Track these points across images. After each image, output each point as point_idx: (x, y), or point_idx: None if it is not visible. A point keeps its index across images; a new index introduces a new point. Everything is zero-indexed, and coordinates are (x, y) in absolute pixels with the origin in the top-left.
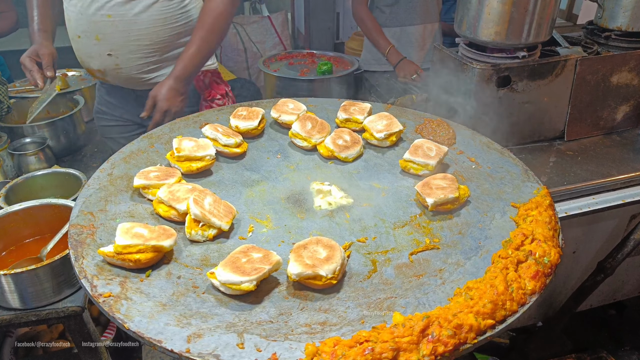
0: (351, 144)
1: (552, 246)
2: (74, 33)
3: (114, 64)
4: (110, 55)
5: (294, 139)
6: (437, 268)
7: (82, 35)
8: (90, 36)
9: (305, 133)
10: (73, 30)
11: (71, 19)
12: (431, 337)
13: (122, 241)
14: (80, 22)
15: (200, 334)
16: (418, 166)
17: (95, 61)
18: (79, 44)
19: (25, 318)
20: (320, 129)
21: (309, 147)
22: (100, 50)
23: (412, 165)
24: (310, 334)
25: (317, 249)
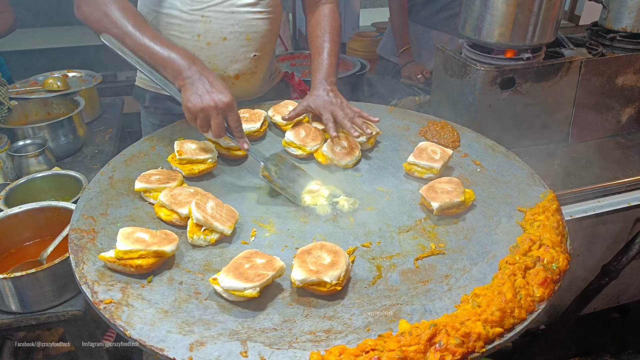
0: (349, 150)
1: (561, 252)
2: (217, 36)
3: (255, 66)
4: (255, 56)
5: (287, 148)
6: (443, 274)
7: (230, 36)
8: (240, 37)
9: (300, 141)
10: (216, 33)
11: (213, 21)
12: (439, 345)
13: (124, 246)
14: (229, 22)
15: (203, 341)
16: (422, 169)
17: (237, 65)
18: (223, 46)
19: (25, 322)
20: (314, 136)
21: (304, 156)
22: (247, 51)
23: (416, 169)
24: (314, 342)
25: (322, 255)
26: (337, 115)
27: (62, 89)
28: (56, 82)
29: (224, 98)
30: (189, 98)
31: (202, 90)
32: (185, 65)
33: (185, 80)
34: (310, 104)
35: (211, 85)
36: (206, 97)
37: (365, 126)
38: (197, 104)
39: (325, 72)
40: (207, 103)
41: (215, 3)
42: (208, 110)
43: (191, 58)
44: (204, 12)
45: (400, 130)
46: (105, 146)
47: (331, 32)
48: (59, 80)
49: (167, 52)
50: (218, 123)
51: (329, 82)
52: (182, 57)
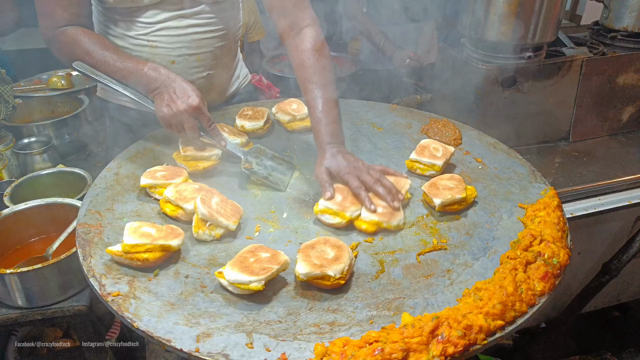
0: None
1: (561, 247)
2: (165, 60)
3: (210, 83)
4: (209, 75)
5: (321, 216)
6: (445, 269)
7: (179, 59)
8: (189, 59)
9: (337, 206)
10: (163, 57)
11: (159, 45)
12: (441, 337)
13: (131, 240)
14: (176, 46)
15: (209, 333)
16: (424, 166)
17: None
18: (172, 69)
19: (31, 317)
20: (354, 200)
21: (342, 224)
22: (199, 71)
23: (418, 166)
24: (319, 334)
25: (325, 249)
26: (366, 182)
27: (66, 87)
28: (60, 81)
29: (192, 102)
30: (160, 108)
31: (169, 98)
32: (152, 77)
33: (154, 92)
34: (331, 170)
35: (178, 91)
36: (174, 104)
37: (396, 190)
38: (167, 113)
39: (330, 133)
40: (176, 109)
41: (159, 27)
42: (178, 116)
43: (156, 69)
44: (149, 37)
45: (402, 128)
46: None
47: (322, 74)
48: (63, 79)
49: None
50: (190, 126)
51: (337, 142)
52: (147, 69)
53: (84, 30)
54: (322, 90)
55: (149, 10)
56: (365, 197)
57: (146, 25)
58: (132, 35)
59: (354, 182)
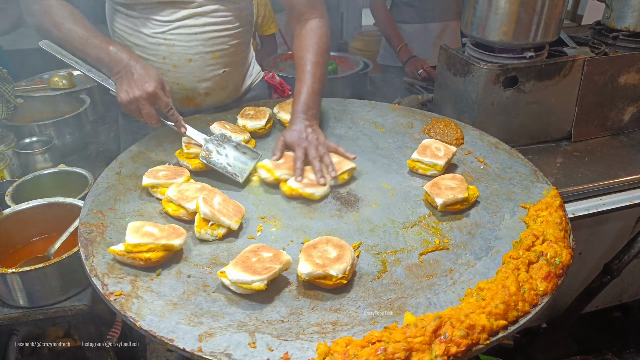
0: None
1: (564, 247)
2: (182, 58)
3: (225, 81)
4: (225, 72)
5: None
6: (447, 268)
7: (195, 57)
8: (205, 57)
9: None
10: (181, 56)
11: (176, 44)
12: (444, 337)
13: (133, 240)
14: (192, 44)
15: (212, 333)
16: (426, 166)
17: (207, 83)
18: (189, 68)
19: (33, 316)
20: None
21: (271, 180)
22: (215, 69)
23: (420, 166)
24: (321, 333)
25: (327, 249)
26: (309, 153)
27: (68, 87)
28: (61, 80)
29: (147, 87)
30: (119, 93)
31: (128, 83)
32: (115, 60)
33: (116, 76)
34: (286, 138)
35: (137, 77)
36: (131, 89)
37: (332, 168)
38: (125, 97)
39: (305, 104)
40: (132, 95)
41: (176, 26)
42: (136, 102)
43: (119, 50)
44: (166, 36)
45: (404, 127)
46: (110, 144)
47: (316, 53)
48: (64, 79)
49: (99, 49)
50: (146, 112)
51: (308, 115)
52: (112, 52)
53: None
54: (313, 67)
55: (166, 9)
56: (298, 167)
57: (163, 23)
58: (148, 34)
59: (297, 152)
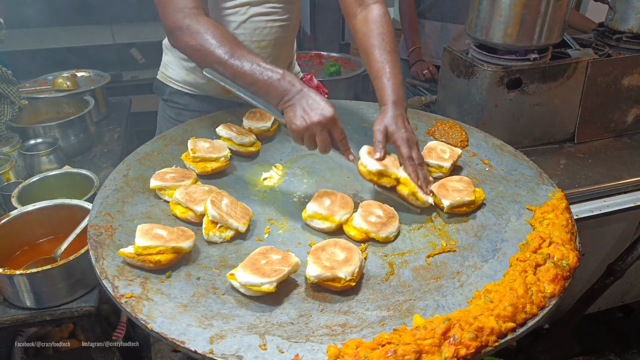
0: (387, 219)
1: (570, 249)
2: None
3: None
4: None
5: (310, 221)
6: (454, 271)
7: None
8: (251, 45)
9: (326, 210)
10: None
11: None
12: (453, 339)
13: (142, 242)
14: (240, 32)
15: (223, 335)
16: (432, 168)
17: None
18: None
19: (40, 317)
20: (343, 204)
21: (332, 229)
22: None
23: None
24: (331, 335)
25: (335, 251)
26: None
27: (72, 88)
28: (66, 82)
29: (327, 113)
30: (293, 120)
31: (303, 110)
32: (286, 88)
33: (287, 103)
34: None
35: (313, 102)
36: (308, 116)
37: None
38: (301, 125)
39: (397, 92)
40: (309, 121)
41: (227, 13)
42: (312, 129)
43: (289, 79)
44: (217, 21)
45: None
46: (114, 145)
47: (389, 42)
48: (69, 80)
49: (267, 77)
50: (323, 139)
51: (403, 106)
52: (281, 80)
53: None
54: (390, 56)
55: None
56: (413, 171)
57: (216, 9)
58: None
59: (406, 151)
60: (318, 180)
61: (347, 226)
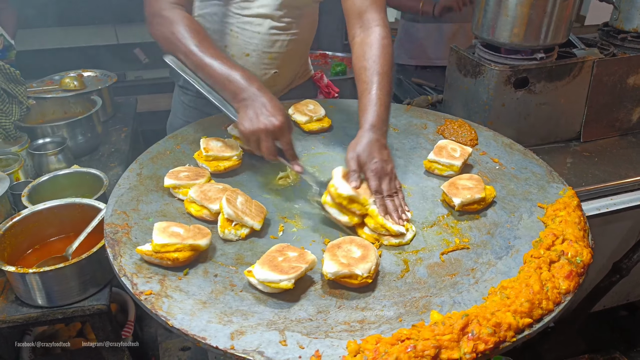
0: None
1: (584, 246)
2: (240, 50)
3: (274, 81)
4: (276, 73)
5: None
6: (469, 267)
7: (253, 53)
8: (262, 55)
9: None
10: (241, 48)
11: (240, 37)
12: (471, 335)
13: (160, 240)
14: (254, 41)
15: (243, 331)
16: (443, 167)
17: None
18: (245, 61)
19: (52, 316)
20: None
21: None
22: (268, 68)
23: (436, 166)
24: (350, 331)
25: (351, 248)
26: (383, 190)
27: (79, 88)
28: (73, 82)
29: (275, 121)
30: (242, 121)
31: (254, 113)
32: (243, 86)
33: (241, 103)
34: (360, 159)
35: (264, 108)
36: (257, 120)
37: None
38: (248, 127)
39: (378, 115)
40: (256, 126)
41: (245, 21)
42: (258, 134)
43: (249, 78)
44: (233, 27)
45: (418, 128)
46: (121, 145)
47: (382, 64)
48: (75, 80)
49: (227, 72)
50: (267, 146)
51: (381, 131)
52: (240, 77)
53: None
54: (379, 77)
55: (243, 3)
56: (380, 205)
57: (235, 15)
58: (219, 20)
59: (374, 184)
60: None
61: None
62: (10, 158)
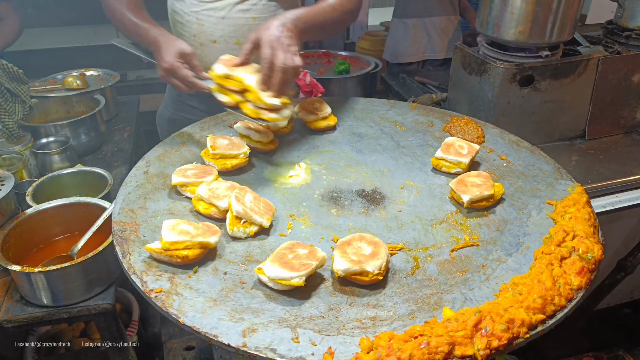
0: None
1: (594, 242)
2: (208, 38)
3: None
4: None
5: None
6: (479, 264)
7: (220, 40)
8: (229, 41)
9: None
10: (207, 35)
11: (205, 24)
12: (485, 331)
13: (170, 237)
14: (219, 27)
15: (254, 328)
16: (450, 164)
17: None
18: (213, 49)
19: (57, 315)
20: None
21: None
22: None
23: (444, 163)
24: (362, 328)
25: (361, 246)
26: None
27: (82, 87)
28: (75, 81)
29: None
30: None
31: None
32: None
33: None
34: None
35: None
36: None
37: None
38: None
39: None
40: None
41: (208, 8)
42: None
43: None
44: (198, 15)
45: (424, 126)
46: (125, 144)
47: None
48: (78, 79)
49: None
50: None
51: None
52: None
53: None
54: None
55: None
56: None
57: (199, 3)
58: (186, 12)
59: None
60: (337, 176)
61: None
62: (14, 157)
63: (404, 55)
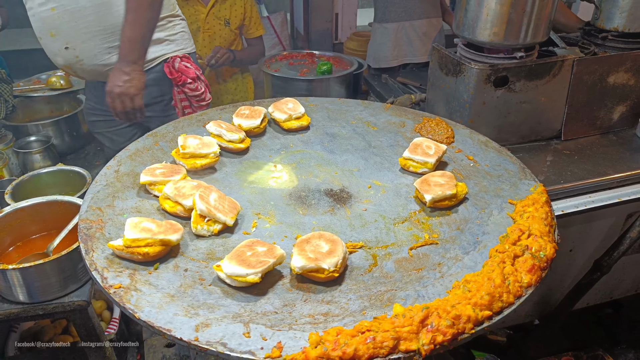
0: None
1: (548, 241)
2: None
3: (74, 56)
4: (67, 49)
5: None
6: (436, 262)
7: (41, 35)
8: (46, 34)
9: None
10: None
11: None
12: (430, 327)
13: (131, 235)
14: (36, 24)
15: (208, 323)
16: (417, 164)
17: (59, 58)
18: (43, 45)
19: (33, 312)
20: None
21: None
22: (58, 45)
23: (411, 163)
24: (313, 324)
25: (320, 243)
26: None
27: (65, 87)
28: (59, 81)
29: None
30: None
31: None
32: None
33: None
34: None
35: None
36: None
37: None
38: None
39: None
40: None
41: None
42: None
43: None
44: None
45: (396, 126)
46: None
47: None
48: (62, 79)
49: None
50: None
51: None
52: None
53: None
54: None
55: None
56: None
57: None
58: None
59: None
60: (307, 176)
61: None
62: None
63: (385, 60)
